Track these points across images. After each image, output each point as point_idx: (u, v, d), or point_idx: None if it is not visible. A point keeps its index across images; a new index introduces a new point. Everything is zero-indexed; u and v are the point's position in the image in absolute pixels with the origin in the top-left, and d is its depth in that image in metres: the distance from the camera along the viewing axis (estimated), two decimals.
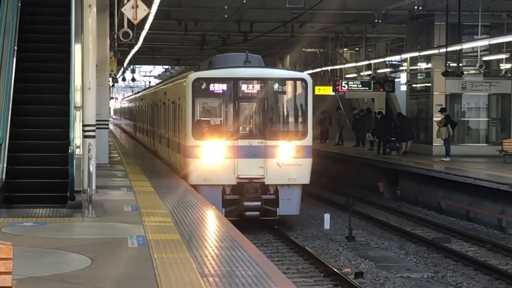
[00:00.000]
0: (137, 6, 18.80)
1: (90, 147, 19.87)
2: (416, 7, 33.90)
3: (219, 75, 27.56)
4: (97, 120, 23.25)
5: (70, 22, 21.73)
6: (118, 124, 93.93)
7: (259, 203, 26.38)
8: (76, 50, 20.95)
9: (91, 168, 18.91)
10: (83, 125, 20.52)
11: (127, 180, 25.84)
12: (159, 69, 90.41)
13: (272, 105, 27.95)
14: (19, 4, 21.74)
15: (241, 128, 27.62)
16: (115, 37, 29.77)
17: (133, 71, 78.34)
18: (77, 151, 19.04)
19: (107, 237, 15.02)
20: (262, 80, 27.20)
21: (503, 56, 41.35)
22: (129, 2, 19.23)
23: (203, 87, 27.23)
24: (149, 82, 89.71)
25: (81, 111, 20.38)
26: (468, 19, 36.95)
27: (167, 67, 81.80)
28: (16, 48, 20.65)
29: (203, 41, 47.71)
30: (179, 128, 29.51)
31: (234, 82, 26.97)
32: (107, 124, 35.70)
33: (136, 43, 39.81)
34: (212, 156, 26.54)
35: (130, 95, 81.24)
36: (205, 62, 33.31)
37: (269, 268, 12.44)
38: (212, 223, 17.21)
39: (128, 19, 20.90)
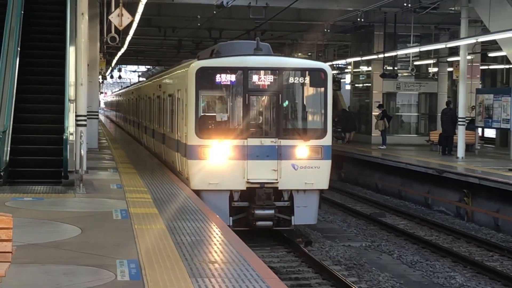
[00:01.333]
0: (122, 15, 18.68)
1: (82, 134, 19.79)
2: (358, 19, 33.95)
3: (227, 64, 19.82)
4: (88, 111, 23.15)
5: (65, 27, 21.70)
6: (107, 115, 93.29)
7: (272, 211, 19.15)
8: (71, 51, 20.92)
9: (82, 152, 18.95)
10: (76, 115, 20.41)
11: (113, 162, 25.70)
12: (142, 69, 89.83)
13: (287, 99, 20.30)
14: (22, 12, 21.66)
15: (251, 125, 19.89)
16: (104, 40, 29.54)
17: (119, 70, 78.08)
18: (71, 137, 19.03)
19: (95, 211, 15.00)
20: (276, 70, 19.59)
21: (431, 61, 41.86)
22: (115, 11, 19.09)
23: (208, 77, 19.76)
24: (138, 77, 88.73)
25: (74, 103, 20.27)
26: (402, 30, 36.99)
27: (149, 67, 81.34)
28: (19, 49, 20.61)
29: (180, 45, 47.56)
30: (177, 124, 22.09)
31: (244, 72, 19.43)
32: (97, 115, 35.56)
33: (122, 46, 39.63)
34: (218, 157, 19.20)
35: (119, 90, 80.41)
36: (206, 51, 25.39)
37: (231, 237, 12.47)
38: (184, 198, 17.04)
39: (115, 25, 20.71)
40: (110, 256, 10.63)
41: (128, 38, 36.36)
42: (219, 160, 19.22)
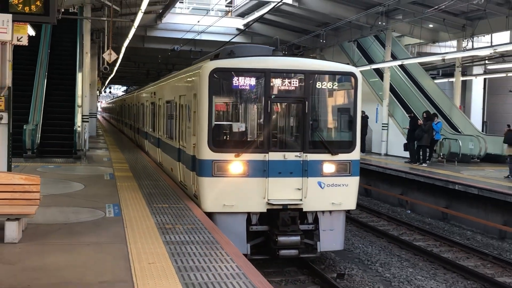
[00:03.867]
0: (111, 54, 18.40)
1: (85, 127, 19.49)
2: None
3: (246, 65, 10.65)
4: (89, 113, 22.73)
5: (76, 60, 21.39)
6: (103, 116, 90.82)
7: (298, 238, 10.41)
8: (79, 76, 20.56)
9: (85, 138, 18.68)
10: (82, 115, 20.00)
11: (106, 144, 25.22)
12: (124, 87, 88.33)
13: (314, 107, 11.15)
14: (49, 50, 21.31)
15: (273, 136, 10.80)
16: (100, 69, 28.94)
17: (110, 88, 76.86)
18: (78, 129, 18.66)
19: (93, 174, 14.69)
20: (302, 74, 10.76)
21: None
22: (107, 51, 18.79)
23: (223, 80, 10.59)
24: (125, 91, 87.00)
25: (81, 107, 19.88)
26: None
27: (126, 87, 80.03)
28: (46, 73, 20.31)
29: (148, 73, 46.94)
30: (179, 132, 12.71)
31: (265, 75, 10.56)
32: (96, 115, 34.91)
33: (111, 73, 38.95)
34: (235, 174, 10.38)
35: (111, 100, 78.16)
36: (206, 57, 13.51)
37: (180, 192, 12.38)
38: (149, 167, 16.55)
39: (106, 60, 20.35)
40: (102, 201, 10.48)
41: (115, 68, 35.78)
42: (236, 178, 10.31)
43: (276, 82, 10.57)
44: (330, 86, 10.92)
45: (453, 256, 12.71)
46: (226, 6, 31.99)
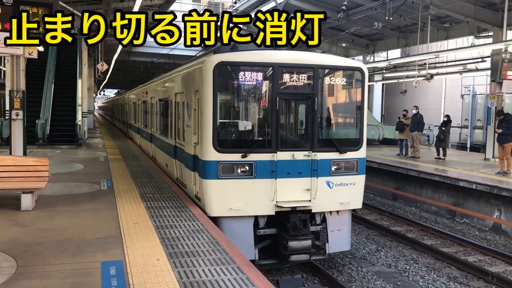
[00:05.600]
0: (103, 65, 17.91)
1: (85, 121, 18.93)
2: None
3: (253, 59, 6.82)
4: (88, 110, 22.11)
5: (76, 69, 20.67)
6: (99, 113, 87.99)
7: (309, 242, 7.05)
8: (79, 82, 19.88)
9: (85, 129, 18.15)
10: (82, 112, 19.41)
11: (101, 134, 24.53)
12: (114, 91, 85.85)
13: (324, 104, 7.38)
14: (55, 62, 20.54)
15: (281, 135, 7.12)
16: (96, 77, 28.14)
17: (104, 91, 74.76)
18: (79, 123, 18.09)
19: (91, 157, 14.31)
20: (311, 69, 7.08)
21: None
22: (100, 63, 18.27)
23: (228, 75, 6.93)
24: (116, 93, 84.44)
25: (81, 106, 19.28)
26: None
27: (117, 90, 77.93)
28: (53, 80, 19.57)
29: (133, 80, 45.79)
30: (176, 129, 9.32)
31: (274, 70, 6.87)
32: (93, 112, 33.95)
33: (104, 80, 37.95)
34: (242, 176, 6.95)
35: (105, 100, 75.62)
36: (201, 55, 9.13)
37: (157, 170, 12.21)
38: (134, 150, 16.04)
39: (100, 70, 19.80)
40: (97, 178, 10.24)
41: (107, 76, 34.90)
42: (242, 180, 7.17)
43: (285, 77, 7.30)
44: (339, 81, 7.67)
45: (360, 213, 13.10)
46: None
